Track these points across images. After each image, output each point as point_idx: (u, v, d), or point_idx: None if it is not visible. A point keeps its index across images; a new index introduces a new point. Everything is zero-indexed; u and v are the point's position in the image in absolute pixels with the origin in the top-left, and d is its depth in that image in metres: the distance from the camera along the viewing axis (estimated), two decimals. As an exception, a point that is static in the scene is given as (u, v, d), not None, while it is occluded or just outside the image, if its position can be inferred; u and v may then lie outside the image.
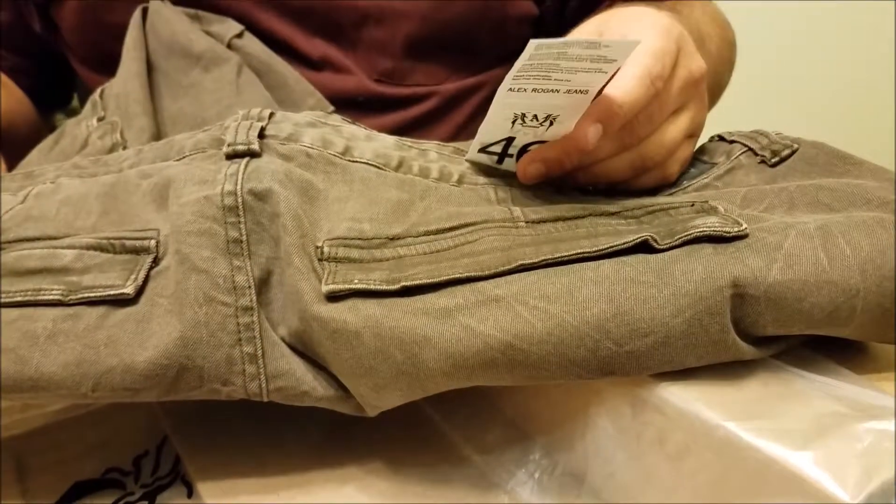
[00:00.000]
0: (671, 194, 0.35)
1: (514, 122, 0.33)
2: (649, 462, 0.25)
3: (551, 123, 0.33)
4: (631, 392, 0.26)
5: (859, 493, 0.21)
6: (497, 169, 0.35)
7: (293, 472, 0.31)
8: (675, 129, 0.34)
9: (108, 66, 0.55)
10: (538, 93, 0.31)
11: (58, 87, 0.72)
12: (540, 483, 0.28)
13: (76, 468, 0.33)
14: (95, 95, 0.49)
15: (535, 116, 0.32)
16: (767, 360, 0.26)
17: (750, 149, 0.35)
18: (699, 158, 0.37)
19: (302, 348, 0.29)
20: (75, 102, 0.82)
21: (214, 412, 0.35)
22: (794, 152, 0.33)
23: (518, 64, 0.29)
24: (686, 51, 0.34)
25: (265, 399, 0.29)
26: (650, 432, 0.25)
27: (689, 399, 0.25)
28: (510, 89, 0.31)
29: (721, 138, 0.37)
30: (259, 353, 0.28)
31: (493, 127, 0.33)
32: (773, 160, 0.33)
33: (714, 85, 0.50)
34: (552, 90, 0.31)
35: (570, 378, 0.26)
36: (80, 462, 0.33)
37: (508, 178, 0.35)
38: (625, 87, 0.31)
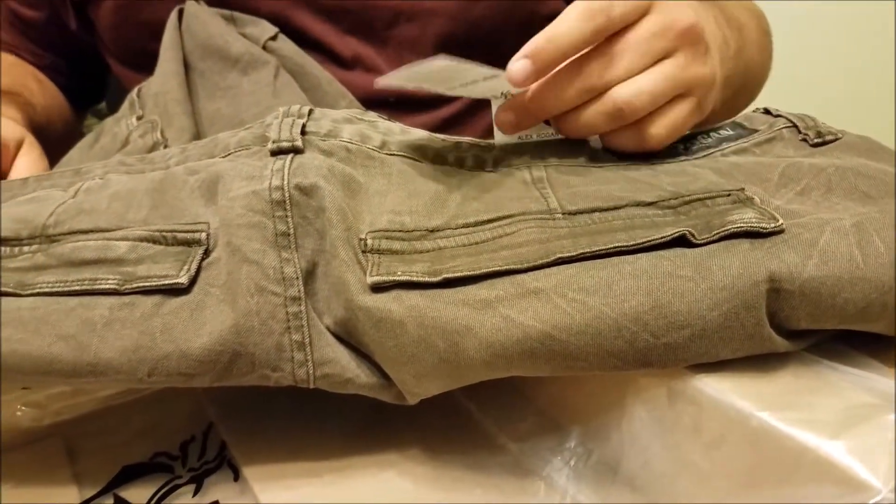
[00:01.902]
0: (708, 155, 0.35)
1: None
2: (684, 450, 0.26)
3: None
4: (666, 383, 0.27)
5: (890, 480, 0.22)
6: (528, 147, 0.36)
7: (334, 458, 0.32)
8: (656, 76, 0.32)
9: (143, 64, 0.57)
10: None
11: (91, 85, 0.74)
12: (575, 470, 0.29)
13: (125, 452, 0.34)
14: (133, 94, 0.50)
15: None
16: (800, 353, 0.27)
17: (794, 125, 0.35)
18: (739, 123, 0.37)
19: (346, 337, 0.30)
20: (100, 105, 0.84)
21: (257, 401, 0.36)
22: (836, 139, 0.33)
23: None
24: (669, 2, 0.33)
25: (311, 385, 0.30)
26: (685, 421, 0.26)
27: (724, 390, 0.26)
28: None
29: (766, 111, 0.37)
30: (307, 340, 0.29)
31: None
32: (815, 139, 0.34)
33: (755, 73, 0.49)
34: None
35: (607, 369, 0.27)
36: (129, 447, 0.34)
37: (541, 156, 0.35)
38: (557, 21, 0.31)
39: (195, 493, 0.32)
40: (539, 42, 0.31)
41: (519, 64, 0.31)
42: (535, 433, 0.31)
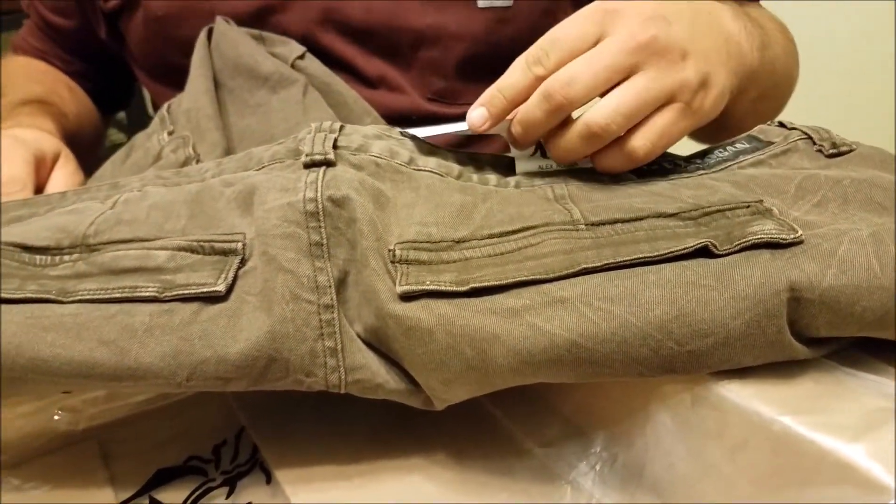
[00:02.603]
0: (725, 168, 0.36)
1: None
2: (708, 454, 0.27)
3: None
4: (690, 389, 0.28)
5: (910, 483, 0.22)
6: (548, 171, 0.37)
7: (363, 461, 0.33)
8: (624, 93, 0.34)
9: (171, 77, 0.58)
10: None
11: (118, 90, 0.76)
12: (601, 474, 0.30)
13: (159, 456, 0.35)
14: (163, 110, 0.51)
15: None
16: (820, 360, 0.28)
17: (809, 137, 0.36)
18: (754, 136, 0.38)
19: (376, 344, 0.31)
20: (120, 114, 0.86)
21: (286, 406, 0.37)
22: (851, 150, 0.34)
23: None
24: (628, 16, 0.34)
25: (342, 390, 0.31)
26: (709, 426, 0.27)
27: (747, 395, 0.27)
28: None
29: (781, 124, 0.38)
30: (339, 347, 0.30)
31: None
32: (830, 151, 0.34)
33: (782, 75, 0.50)
34: None
35: (632, 376, 0.28)
36: (163, 450, 0.35)
37: (562, 177, 0.37)
38: (507, 72, 0.36)
39: (228, 495, 0.33)
40: (492, 91, 0.36)
41: (476, 112, 0.36)
42: (561, 439, 0.32)
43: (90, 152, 0.64)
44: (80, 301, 0.31)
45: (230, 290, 0.31)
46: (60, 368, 0.30)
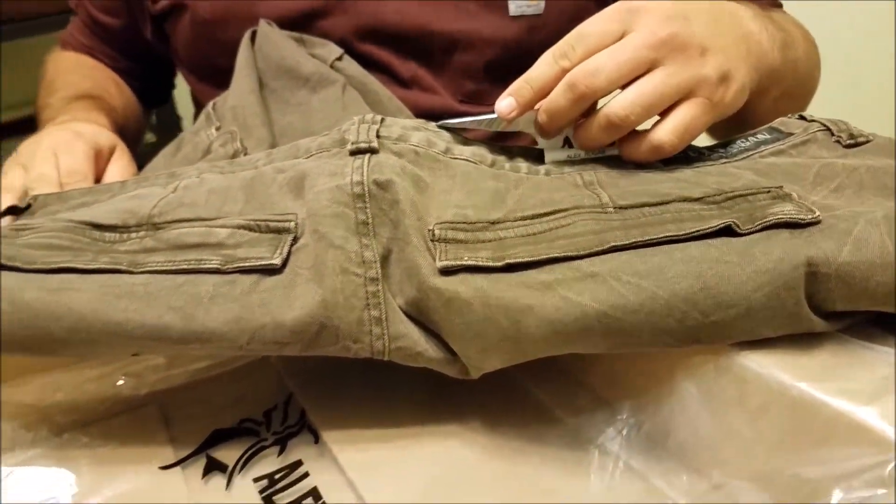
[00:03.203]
0: (748, 157, 0.38)
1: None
2: (730, 419, 0.29)
3: None
4: (713, 360, 0.30)
5: (919, 441, 0.24)
6: (576, 160, 0.40)
7: (403, 426, 0.36)
8: (643, 86, 0.36)
9: (215, 76, 0.62)
10: None
11: (159, 88, 0.80)
12: (627, 439, 0.32)
13: (214, 419, 0.38)
14: (209, 108, 0.54)
15: None
16: (835, 334, 0.30)
17: (828, 128, 0.38)
18: (775, 127, 0.39)
19: (417, 316, 0.34)
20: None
21: (331, 375, 0.40)
22: (868, 142, 0.36)
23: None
24: (651, 14, 0.36)
25: (386, 357, 0.33)
26: (731, 393, 0.29)
27: (767, 365, 0.29)
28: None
29: (801, 117, 0.40)
30: (383, 316, 0.33)
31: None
32: (847, 142, 0.36)
33: (803, 74, 0.52)
34: None
35: (658, 346, 0.30)
36: (218, 414, 0.38)
37: (590, 165, 0.39)
38: (535, 65, 0.39)
39: (279, 454, 0.35)
40: (519, 83, 0.39)
41: (505, 101, 0.39)
42: (590, 407, 0.34)
43: (133, 146, 0.67)
44: (149, 272, 0.34)
45: (285, 263, 0.34)
46: (133, 332, 0.33)
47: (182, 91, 0.86)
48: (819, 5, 1.17)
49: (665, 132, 0.37)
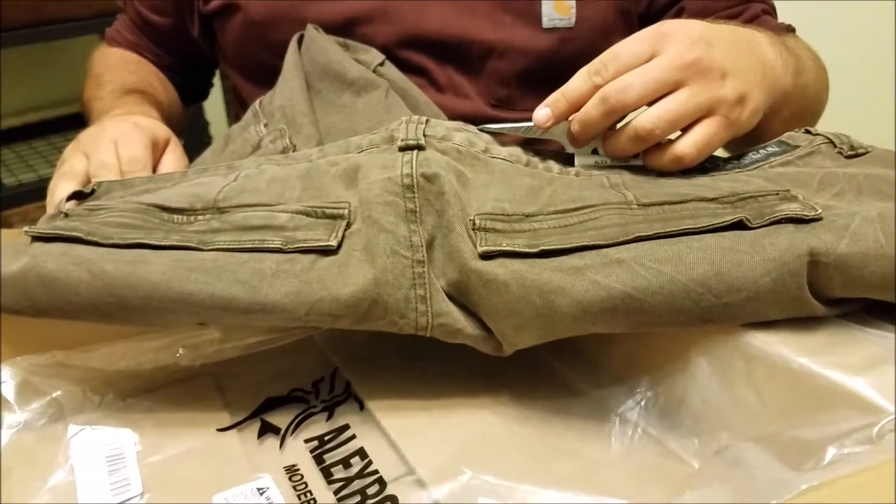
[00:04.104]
0: (758, 167, 0.42)
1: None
2: (738, 389, 0.33)
3: None
4: (724, 338, 0.34)
5: (903, 406, 0.28)
6: (604, 166, 0.44)
7: (440, 398, 0.39)
8: (669, 104, 0.40)
9: (261, 76, 0.65)
10: None
11: (200, 85, 0.84)
12: (645, 409, 0.36)
13: (266, 388, 0.42)
14: (255, 106, 0.58)
15: None
16: (833, 318, 0.34)
17: (831, 141, 0.42)
18: (783, 141, 0.44)
19: (457, 297, 0.38)
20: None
21: (372, 353, 0.43)
22: (867, 153, 0.40)
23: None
24: (678, 39, 0.41)
25: (428, 333, 0.37)
26: (739, 367, 0.33)
27: (772, 342, 0.32)
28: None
29: (807, 131, 0.44)
30: (428, 295, 0.37)
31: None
32: (848, 153, 0.40)
33: (813, 98, 0.56)
34: None
35: (675, 325, 0.34)
36: (269, 384, 0.42)
37: (616, 170, 0.43)
38: (571, 79, 0.43)
39: (328, 419, 0.39)
40: (556, 95, 0.43)
41: (542, 112, 0.43)
42: (611, 382, 0.38)
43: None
44: (217, 250, 0.38)
45: (340, 245, 0.38)
46: (203, 301, 0.36)
47: (211, 97, 0.90)
48: (820, 5, 1.21)
49: (686, 145, 0.41)
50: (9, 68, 1.58)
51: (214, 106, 0.90)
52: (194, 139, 1.58)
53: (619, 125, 0.43)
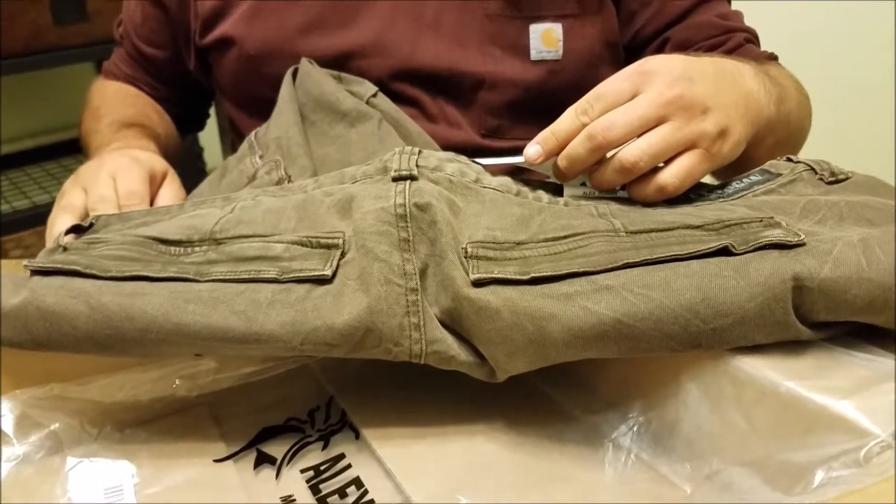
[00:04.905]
0: (742, 196, 0.43)
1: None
2: (728, 413, 0.33)
3: None
4: (713, 363, 0.34)
5: (886, 429, 0.28)
6: (591, 196, 0.45)
7: (434, 426, 0.40)
8: (652, 138, 0.41)
9: (256, 107, 0.67)
10: None
11: (195, 116, 0.85)
12: (638, 434, 0.36)
13: (262, 418, 0.42)
14: (251, 138, 0.59)
15: None
16: (819, 342, 0.34)
17: (812, 168, 0.43)
18: (766, 169, 0.45)
19: (450, 323, 0.38)
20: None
21: (367, 382, 0.44)
22: (847, 178, 0.41)
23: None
24: (660, 77, 0.42)
25: (422, 360, 0.38)
26: (728, 392, 0.33)
27: (759, 366, 0.33)
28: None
29: (789, 159, 0.45)
30: (421, 323, 0.37)
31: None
32: (829, 179, 0.42)
33: (796, 126, 0.57)
34: None
35: (665, 350, 0.34)
36: (265, 414, 0.42)
37: (604, 201, 0.44)
38: (560, 118, 0.44)
39: (323, 448, 0.39)
40: (546, 134, 0.44)
41: (533, 148, 0.45)
42: (604, 407, 0.38)
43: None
44: (214, 280, 0.38)
45: (334, 275, 0.38)
46: (199, 332, 0.37)
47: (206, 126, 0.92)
48: (820, 6, 1.22)
49: (669, 175, 0.42)
50: (4, 95, 1.60)
51: (208, 132, 0.91)
52: (188, 164, 1.59)
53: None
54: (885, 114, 1.23)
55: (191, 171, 1.63)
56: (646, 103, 0.42)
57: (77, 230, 0.47)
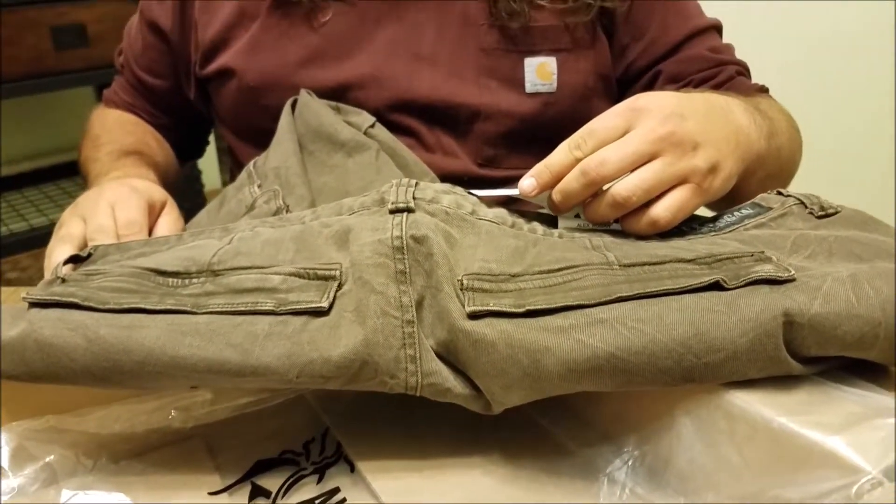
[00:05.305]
0: (734, 229, 0.43)
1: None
2: (721, 448, 0.33)
3: None
4: (706, 397, 0.35)
5: (878, 466, 0.29)
6: (585, 229, 0.45)
7: (430, 458, 0.40)
8: (644, 174, 0.42)
9: (255, 137, 0.68)
10: None
11: (194, 143, 0.86)
12: (633, 468, 0.36)
13: (257, 450, 0.42)
14: (250, 167, 0.60)
15: None
16: (811, 377, 0.34)
17: (802, 202, 0.44)
18: (757, 203, 0.45)
19: (446, 355, 0.38)
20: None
21: (363, 413, 0.44)
22: (836, 213, 0.42)
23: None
24: (651, 114, 0.43)
25: (418, 393, 0.38)
26: (721, 426, 0.34)
27: (752, 401, 0.33)
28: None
29: (779, 192, 0.46)
30: (417, 355, 0.37)
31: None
32: (819, 213, 0.42)
33: (787, 158, 0.58)
34: None
35: (658, 384, 0.34)
36: (260, 446, 0.42)
37: (598, 233, 0.44)
38: (553, 152, 0.45)
39: (318, 482, 0.39)
40: (540, 167, 0.45)
41: (527, 182, 0.45)
42: (599, 441, 0.38)
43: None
44: (211, 313, 0.39)
45: (331, 306, 0.38)
46: (196, 365, 0.37)
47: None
48: (820, 6, 1.24)
49: (661, 209, 0.43)
50: (4, 118, 1.61)
51: (206, 154, 0.92)
52: (187, 186, 1.60)
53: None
54: (884, 114, 1.24)
55: (189, 193, 1.64)
56: (638, 139, 0.42)
57: (75, 260, 0.48)
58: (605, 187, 0.44)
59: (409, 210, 0.42)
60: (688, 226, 0.45)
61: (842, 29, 1.25)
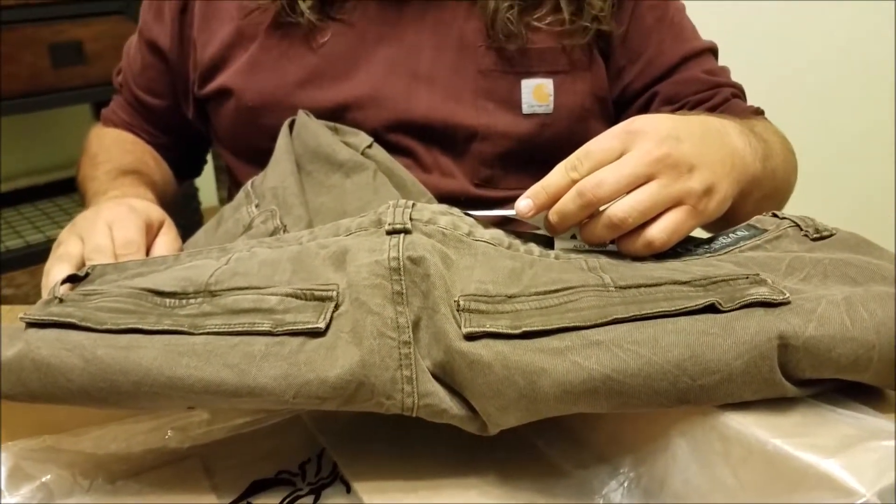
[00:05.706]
0: (729, 251, 0.44)
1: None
2: (716, 470, 0.33)
3: None
4: (701, 419, 0.35)
5: (872, 488, 0.29)
6: (581, 250, 0.46)
7: (426, 479, 0.40)
8: (640, 195, 0.43)
9: (253, 156, 0.68)
10: None
11: (192, 162, 0.86)
12: (628, 490, 0.36)
13: (253, 470, 0.42)
14: (248, 187, 0.60)
15: None
16: (806, 399, 0.35)
17: (797, 225, 0.44)
18: (752, 225, 0.46)
19: (443, 376, 0.38)
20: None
21: (359, 434, 0.44)
22: (831, 235, 0.42)
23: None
24: (647, 136, 0.43)
25: (415, 414, 0.38)
26: (717, 448, 0.34)
27: (747, 423, 0.33)
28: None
29: (774, 215, 0.46)
30: (414, 376, 0.38)
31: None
32: (814, 236, 0.43)
33: (782, 180, 0.59)
34: None
35: (653, 406, 0.35)
36: (256, 466, 0.42)
37: (594, 255, 0.45)
38: (550, 173, 0.45)
39: (314, 502, 0.39)
40: (537, 188, 0.45)
41: (524, 202, 0.45)
42: (595, 462, 0.38)
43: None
44: (207, 333, 0.39)
45: (328, 327, 0.39)
46: (193, 386, 0.37)
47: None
48: (820, 6, 1.25)
49: (657, 231, 0.43)
50: (3, 135, 1.62)
51: (203, 173, 0.92)
52: (184, 204, 1.60)
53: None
54: (884, 119, 1.24)
55: (185, 210, 1.64)
56: (634, 161, 0.43)
57: (73, 279, 0.48)
58: (601, 209, 0.44)
59: (406, 231, 0.42)
60: (683, 247, 0.45)
61: (841, 32, 1.26)
